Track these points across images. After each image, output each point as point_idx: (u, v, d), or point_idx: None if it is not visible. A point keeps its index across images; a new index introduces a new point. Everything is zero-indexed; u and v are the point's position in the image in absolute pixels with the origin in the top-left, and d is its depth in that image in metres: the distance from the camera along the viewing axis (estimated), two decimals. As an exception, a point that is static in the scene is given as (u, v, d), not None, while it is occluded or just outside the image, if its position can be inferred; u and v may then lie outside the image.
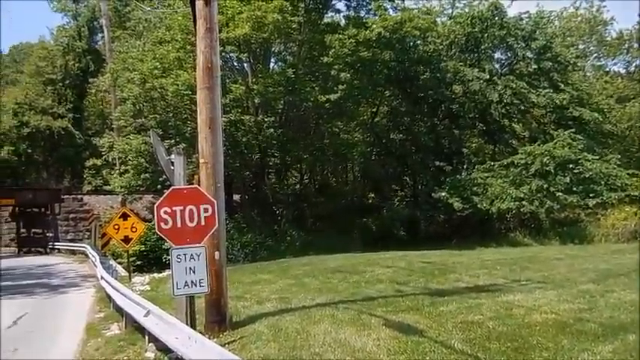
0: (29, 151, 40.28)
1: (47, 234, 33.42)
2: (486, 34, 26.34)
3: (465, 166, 27.01)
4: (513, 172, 23.79)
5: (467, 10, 27.64)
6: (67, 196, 35.02)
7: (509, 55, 28.10)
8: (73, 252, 28.35)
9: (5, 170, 39.32)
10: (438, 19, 27.38)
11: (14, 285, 16.33)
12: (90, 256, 21.44)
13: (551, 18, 29.34)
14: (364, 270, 12.90)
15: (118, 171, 27.30)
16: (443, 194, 23.01)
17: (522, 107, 26.35)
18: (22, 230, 35.28)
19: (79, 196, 36.19)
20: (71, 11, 46.51)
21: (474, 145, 29.77)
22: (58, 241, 32.07)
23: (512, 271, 11.93)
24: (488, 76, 25.65)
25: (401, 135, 27.97)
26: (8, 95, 44.62)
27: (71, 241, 31.47)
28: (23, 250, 34.04)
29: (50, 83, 43.83)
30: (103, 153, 28.58)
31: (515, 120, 27.13)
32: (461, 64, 26.28)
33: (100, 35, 43.68)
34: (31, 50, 50.36)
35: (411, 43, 25.87)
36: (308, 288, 10.87)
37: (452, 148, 28.00)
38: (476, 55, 27.53)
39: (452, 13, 28.39)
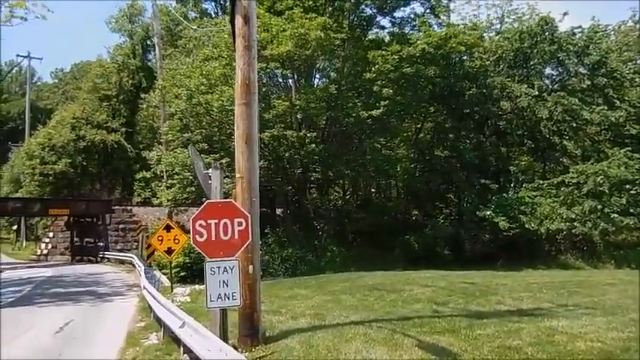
0: (84, 163, 42.13)
1: (98, 243, 34.63)
2: (536, 50, 25.60)
3: (512, 185, 26.14)
4: (564, 192, 22.85)
5: (516, 26, 26.97)
6: (118, 207, 36.34)
7: (561, 70, 27.16)
8: (121, 261, 29.27)
9: (62, 181, 41.34)
10: (485, 35, 26.87)
11: (65, 292, 17.06)
12: (136, 266, 22.10)
13: (607, 32, 28.10)
14: (402, 288, 12.65)
15: (165, 184, 28.15)
16: (488, 213, 22.34)
17: (574, 124, 25.32)
18: (76, 239, 36.79)
19: (129, 208, 37.50)
20: (127, 31, 48.90)
21: (522, 163, 28.80)
22: (108, 251, 33.17)
23: (559, 295, 11.37)
24: (537, 93, 24.87)
25: (446, 152, 27.46)
26: (67, 110, 47.11)
27: (120, 250, 32.48)
28: (76, 258, 35.46)
29: (105, 99, 46.02)
30: (151, 166, 29.59)
31: (567, 137, 26.08)
32: (509, 80, 25.63)
33: (152, 53, 45.60)
34: (89, 68, 53.17)
35: (457, 59, 25.51)
36: (344, 305, 10.75)
37: (498, 165, 27.20)
38: (525, 70, 26.78)
39: (500, 28, 27.77)
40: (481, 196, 24.78)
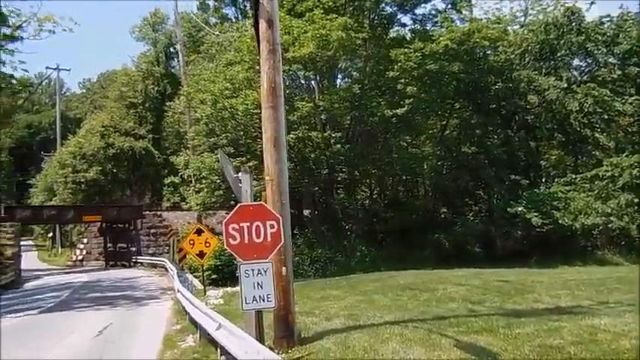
0: (114, 170, 43.06)
1: (131, 248, 35.31)
2: (562, 41, 25.00)
3: (543, 180, 25.58)
4: (598, 186, 22.23)
5: (540, 17, 26.38)
6: (148, 212, 36.98)
7: (589, 61, 26.46)
8: (153, 265, 29.79)
9: (94, 188, 42.34)
10: (509, 28, 26.39)
11: (103, 297, 17.46)
12: (169, 269, 22.45)
13: (637, 20, 27.23)
14: (436, 287, 12.49)
15: (193, 188, 28.52)
16: (520, 209, 21.89)
17: (606, 116, 24.64)
18: (109, 245, 37.61)
19: (159, 212, 38.14)
20: (151, 39, 49.84)
21: (552, 157, 28.15)
22: (141, 255, 33.79)
23: (598, 293, 11.03)
24: (566, 85, 24.27)
25: (473, 148, 27.03)
26: (96, 119, 48.26)
27: (152, 255, 33.06)
28: (110, 263, 36.24)
29: (132, 106, 46.96)
30: (179, 171, 30.01)
31: (599, 130, 25.37)
32: (535, 73, 25.09)
33: (176, 60, 46.31)
34: (115, 77, 54.35)
35: (481, 54, 25.12)
36: (377, 305, 10.68)
37: (528, 160, 26.65)
38: (552, 63, 26.16)
39: (524, 20, 27.21)
40: (511, 192, 24.30)
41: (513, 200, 22.87)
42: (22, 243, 35.34)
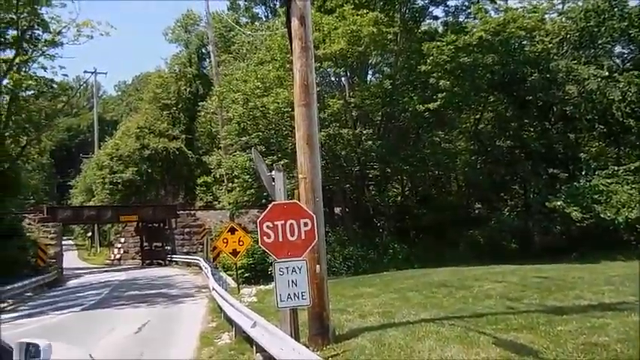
0: (149, 170, 43.96)
1: (166, 247, 36.02)
2: (604, 28, 24.01)
3: (583, 173, 24.68)
4: (643, 177, 21.38)
5: (580, 4, 25.41)
6: (182, 212, 37.59)
7: (633, 48, 25.36)
8: (188, 264, 30.31)
9: (130, 189, 43.41)
10: (546, 16, 25.49)
11: (140, 294, 17.89)
12: (203, 268, 22.81)
13: (683, 3, 26.02)
14: (471, 285, 12.24)
15: (225, 187, 28.86)
16: (559, 203, 21.18)
17: (650, 104, 23.65)
18: (145, 244, 38.50)
19: (192, 212, 38.73)
20: (183, 40, 50.67)
21: (593, 149, 27.12)
22: (175, 254, 34.42)
23: (644, 289, 10.59)
24: (607, 73, 23.33)
25: (508, 141, 26.32)
26: (131, 121, 49.43)
27: (186, 253, 33.63)
28: (146, 262, 37.10)
29: (165, 108, 47.82)
30: (212, 170, 30.39)
31: (643, 119, 24.33)
32: (574, 62, 24.21)
33: (207, 61, 46.91)
34: (149, 79, 55.52)
35: (516, 45, 24.37)
36: (411, 302, 10.55)
37: (567, 153, 25.77)
38: (592, 51, 25.20)
39: (562, 8, 26.25)
40: (549, 186, 23.59)
41: (552, 194, 22.18)
42: (63, 242, 36.60)
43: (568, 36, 24.96)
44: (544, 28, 24.50)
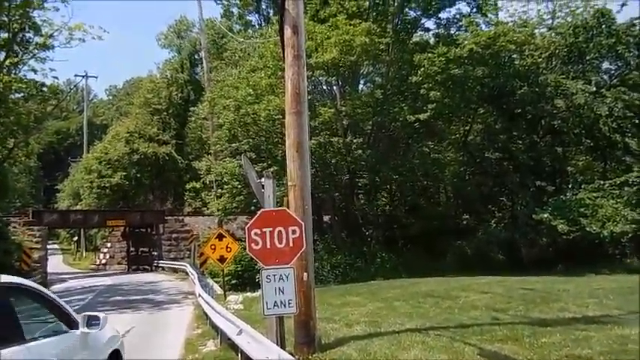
0: (138, 175, 43.74)
1: (153, 252, 35.77)
2: (592, 44, 24.43)
3: (570, 186, 24.97)
4: (628, 192, 21.63)
5: (569, 20, 25.85)
6: (170, 217, 37.43)
7: (620, 64, 25.78)
8: (175, 270, 30.09)
9: (118, 193, 43.10)
10: (536, 31, 25.87)
11: (125, 300, 17.70)
12: (190, 274, 22.65)
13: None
14: (458, 295, 12.30)
15: (215, 194, 28.76)
16: (545, 216, 21.41)
17: (637, 120, 24.00)
18: (132, 249, 38.19)
19: (181, 217, 38.57)
20: (175, 46, 50.69)
21: (580, 162, 27.48)
22: (162, 260, 34.20)
23: (628, 302, 10.66)
24: (595, 89, 23.71)
25: (497, 153, 26.57)
26: (121, 125, 49.19)
27: (173, 259, 33.41)
28: (132, 267, 36.78)
29: (156, 113, 47.69)
30: (201, 176, 30.28)
31: (629, 135, 24.69)
32: (563, 76, 24.58)
33: (199, 67, 46.94)
34: (141, 84, 55.37)
35: (506, 58, 24.71)
36: (398, 312, 10.56)
37: (554, 166, 26.08)
38: (580, 66, 25.60)
39: (552, 23, 26.67)
40: (536, 198, 23.80)
41: (538, 207, 22.41)
42: (48, 246, 36.16)
43: (557, 51, 25.35)
44: (534, 43, 24.86)
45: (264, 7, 37.80)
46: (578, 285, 13.95)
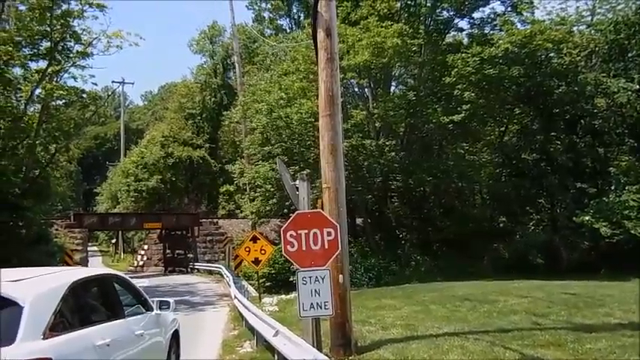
0: (173, 179, 44.69)
1: (188, 255, 36.41)
2: (634, 40, 23.47)
3: (612, 187, 24.04)
4: (676, 193, 20.72)
5: (609, 16, 24.95)
6: (205, 220, 38.04)
7: (664, 61, 24.76)
8: (210, 272, 30.53)
9: (154, 196, 44.12)
10: (574, 29, 25.09)
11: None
12: (224, 276, 22.93)
13: None
14: (496, 299, 12.01)
15: (248, 197, 29.05)
16: (587, 218, 20.65)
17: (683, 119, 22.98)
18: (168, 251, 38.95)
19: (215, 220, 39.14)
20: (208, 51, 51.58)
21: (622, 163, 26.36)
22: (197, 262, 34.76)
23: (677, 308, 10.23)
24: (637, 87, 22.79)
25: (534, 154, 25.87)
26: (157, 130, 50.35)
27: (208, 261, 33.91)
28: (169, 269, 37.51)
29: (190, 117, 48.67)
30: (234, 179, 30.65)
31: (675, 134, 23.65)
32: (603, 75, 23.72)
33: (232, 71, 47.62)
34: (175, 89, 56.56)
35: (543, 57, 24.04)
36: (435, 315, 10.40)
37: (595, 167, 25.18)
38: (622, 64, 24.60)
39: (591, 20, 25.81)
40: (577, 200, 23.02)
41: (579, 209, 21.68)
42: (88, 248, 37.26)
43: (597, 48, 24.48)
44: (572, 41, 24.10)
45: (294, 10, 38.14)
46: (623, 290, 13.43)
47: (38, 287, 3.99)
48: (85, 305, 4.61)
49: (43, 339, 3.56)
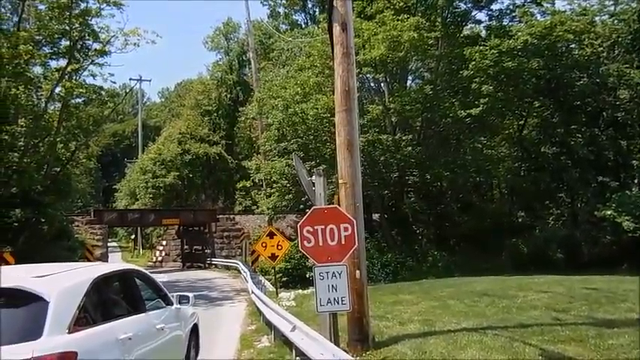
0: (190, 175, 45.05)
1: (205, 250, 36.70)
2: (659, 30, 22.98)
3: (635, 181, 23.61)
4: (700, 187, 20.27)
5: (633, 5, 24.31)
6: (222, 216, 38.29)
7: (689, 51, 24.14)
8: (227, 267, 30.74)
9: (172, 193, 44.53)
10: (596, 19, 24.56)
11: (181, 296, 18.19)
12: (241, 271, 23.07)
13: None
14: (515, 294, 11.85)
15: (264, 193, 29.16)
16: (609, 212, 20.30)
17: None
18: (186, 247, 39.34)
19: (231, 216, 39.38)
20: (223, 48, 51.75)
21: (646, 156, 25.95)
22: (215, 257, 35.02)
23: (703, 304, 9.98)
24: (662, 78, 22.32)
25: (554, 148, 25.48)
26: (174, 127, 50.76)
27: (225, 257, 34.13)
28: (186, 264, 37.89)
29: (206, 114, 48.94)
30: (251, 175, 30.78)
31: (701, 125, 23.10)
32: (626, 66, 23.23)
33: (247, 67, 47.75)
34: (191, 86, 56.88)
35: (564, 48, 23.61)
36: (453, 311, 10.30)
37: (617, 160, 24.72)
38: (645, 54, 24.14)
39: (614, 9, 25.20)
40: (598, 194, 22.66)
41: (601, 203, 21.31)
42: (108, 244, 37.81)
43: (620, 39, 23.99)
44: (594, 31, 23.65)
45: (310, 5, 38.10)
46: (647, 285, 13.15)
47: (63, 283, 4.07)
48: (107, 300, 4.71)
49: (68, 333, 3.66)
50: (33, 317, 3.57)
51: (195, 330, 6.96)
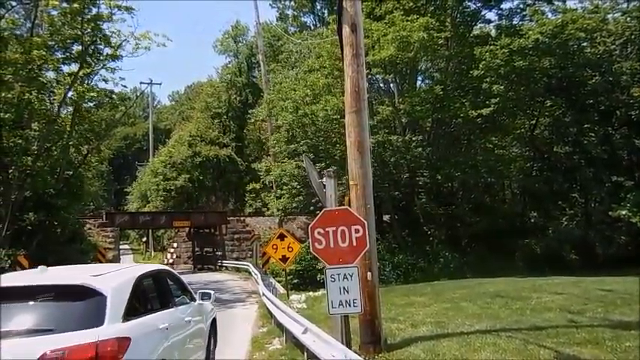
0: (200, 177, 45.22)
1: (216, 252, 36.75)
2: (673, 26, 22.65)
3: (652, 180, 23.27)
4: None
5: (647, 1, 24.00)
6: (232, 218, 38.34)
7: None
8: (237, 269, 30.76)
9: (183, 195, 44.75)
10: (608, 16, 24.26)
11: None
12: (252, 273, 23.07)
13: None
14: (529, 296, 11.73)
15: (274, 194, 29.18)
16: (624, 212, 20.02)
17: None
18: (197, 249, 39.45)
19: (242, 218, 39.43)
20: (232, 51, 51.93)
21: (662, 155, 25.54)
22: (225, 259, 35.07)
23: None
24: (677, 75, 21.98)
25: (567, 147, 25.19)
26: (184, 129, 51.03)
27: (236, 259, 34.17)
28: (198, 266, 38.00)
29: (216, 116, 49.14)
30: (261, 177, 30.83)
31: None
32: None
33: (257, 70, 47.86)
34: (201, 89, 57.14)
35: (575, 47, 23.36)
36: (465, 313, 10.22)
37: (632, 159, 24.37)
38: (660, 52, 23.79)
39: (627, 6, 24.88)
40: (612, 194, 22.34)
41: (615, 203, 21.02)
42: (120, 247, 38.06)
43: (633, 36, 23.66)
44: (606, 29, 23.37)
45: (318, 7, 38.11)
46: (663, 286, 12.93)
47: (115, 280, 4.73)
48: (147, 295, 5.39)
49: (122, 322, 4.30)
50: (95, 308, 4.20)
51: (214, 323, 7.76)
